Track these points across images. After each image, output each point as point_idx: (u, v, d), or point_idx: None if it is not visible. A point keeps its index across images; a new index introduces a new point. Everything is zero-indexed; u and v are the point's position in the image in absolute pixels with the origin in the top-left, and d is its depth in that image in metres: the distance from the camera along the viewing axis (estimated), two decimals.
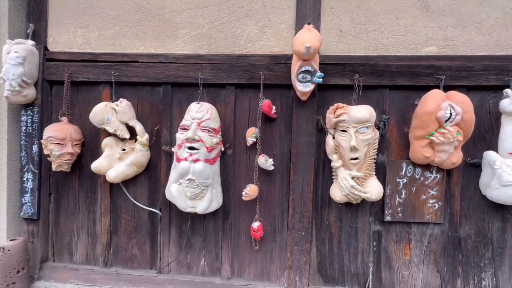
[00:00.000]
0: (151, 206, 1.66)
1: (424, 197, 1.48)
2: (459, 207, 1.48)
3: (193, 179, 1.41)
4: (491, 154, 1.36)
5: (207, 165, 1.43)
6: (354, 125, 1.35)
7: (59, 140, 1.51)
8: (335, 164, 1.42)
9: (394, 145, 1.51)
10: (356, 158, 1.38)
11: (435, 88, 1.40)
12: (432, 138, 1.33)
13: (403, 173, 1.48)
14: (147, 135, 1.57)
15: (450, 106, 1.30)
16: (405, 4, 1.47)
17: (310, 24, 1.39)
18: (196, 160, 1.41)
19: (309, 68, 1.34)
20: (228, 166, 1.59)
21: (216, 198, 1.50)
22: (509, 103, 1.32)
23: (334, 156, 1.43)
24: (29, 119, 1.66)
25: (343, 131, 1.39)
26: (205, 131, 1.44)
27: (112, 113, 1.53)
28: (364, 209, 1.55)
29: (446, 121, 1.31)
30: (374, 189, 1.39)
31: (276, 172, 1.57)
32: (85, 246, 1.73)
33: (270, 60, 1.53)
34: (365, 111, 1.36)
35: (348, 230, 1.56)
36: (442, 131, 1.31)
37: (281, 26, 1.53)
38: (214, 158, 1.47)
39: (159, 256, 1.66)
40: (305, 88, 1.37)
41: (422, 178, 1.47)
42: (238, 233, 1.62)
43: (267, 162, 1.48)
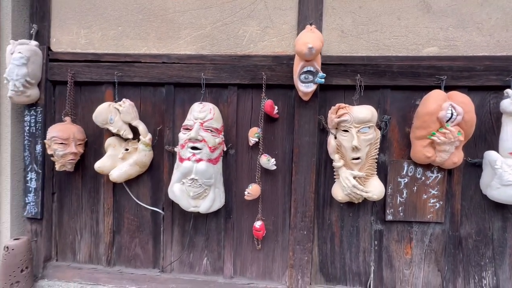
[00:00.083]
0: (153, 206, 1.67)
1: (425, 196, 1.49)
2: (460, 206, 1.49)
3: (196, 179, 1.42)
4: (492, 154, 1.37)
5: (209, 165, 1.44)
6: (356, 125, 1.36)
7: (63, 140, 1.52)
8: (337, 164, 1.43)
9: (396, 145, 1.52)
10: (358, 158, 1.39)
11: (436, 88, 1.41)
12: (434, 138, 1.34)
13: (404, 173, 1.49)
14: (150, 135, 1.58)
15: (451, 106, 1.31)
16: (407, 5, 1.47)
17: (312, 24, 1.40)
18: (199, 160, 1.42)
19: (311, 69, 1.35)
20: (231, 166, 1.60)
21: (219, 197, 1.51)
22: (510, 103, 1.32)
23: (336, 156, 1.43)
24: (32, 119, 1.66)
25: (345, 131, 1.40)
26: (208, 131, 1.45)
27: (115, 113, 1.54)
28: (365, 208, 1.56)
29: (447, 121, 1.32)
30: (376, 188, 1.40)
31: (278, 172, 1.58)
32: (88, 246, 1.74)
33: (272, 60, 1.54)
34: (367, 111, 1.36)
35: (350, 229, 1.57)
36: (443, 131, 1.32)
37: (283, 27, 1.54)
38: (216, 158, 1.48)
39: (162, 255, 1.67)
40: (307, 89, 1.38)
41: (423, 178, 1.48)
42: (240, 232, 1.63)
43: (269, 162, 1.49)
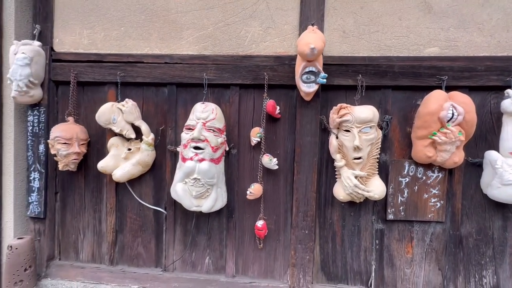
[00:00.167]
0: (156, 205, 1.68)
1: (426, 196, 1.50)
2: (461, 205, 1.50)
3: (198, 178, 1.43)
4: (493, 154, 1.37)
5: (212, 165, 1.44)
6: (357, 125, 1.37)
7: (66, 140, 1.53)
8: (338, 164, 1.44)
9: (397, 145, 1.53)
10: (359, 158, 1.40)
11: (437, 88, 1.42)
12: (435, 138, 1.34)
13: (405, 172, 1.50)
14: (153, 135, 1.59)
15: (452, 106, 1.32)
16: (408, 6, 1.48)
17: (314, 25, 1.41)
18: (202, 160, 1.43)
19: (313, 69, 1.36)
20: (233, 166, 1.61)
21: (221, 197, 1.52)
22: (510, 103, 1.33)
23: (337, 156, 1.44)
24: (35, 119, 1.67)
25: (346, 131, 1.40)
26: (210, 131, 1.45)
27: (118, 113, 1.55)
28: (366, 208, 1.57)
29: (448, 121, 1.33)
30: (377, 188, 1.41)
31: (280, 172, 1.59)
32: (91, 245, 1.75)
33: (274, 60, 1.54)
34: (369, 111, 1.37)
35: (351, 228, 1.58)
36: (444, 131, 1.33)
37: (285, 27, 1.55)
38: (219, 158, 1.49)
39: (164, 255, 1.68)
40: (309, 89, 1.39)
41: (424, 177, 1.49)
42: (242, 231, 1.64)
43: (271, 161, 1.50)
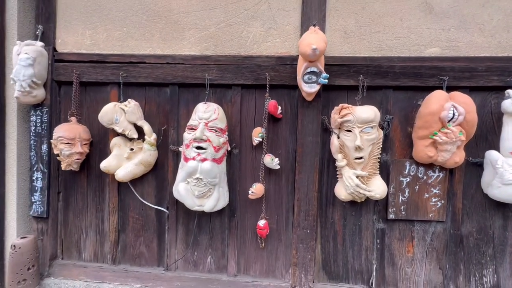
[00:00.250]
0: (158, 205, 1.69)
1: (427, 195, 1.51)
2: (461, 205, 1.51)
3: (201, 178, 1.44)
4: (493, 154, 1.38)
5: (214, 164, 1.45)
6: (359, 125, 1.38)
7: (69, 140, 1.54)
8: (340, 163, 1.45)
9: (398, 145, 1.54)
10: (360, 158, 1.40)
11: (438, 88, 1.43)
12: (436, 138, 1.35)
13: (406, 172, 1.51)
14: (155, 135, 1.60)
15: (453, 106, 1.33)
16: (409, 6, 1.49)
17: (316, 25, 1.42)
18: (204, 160, 1.44)
19: (314, 69, 1.37)
20: (234, 165, 1.62)
21: (223, 196, 1.53)
22: (511, 103, 1.34)
23: (339, 156, 1.45)
24: (38, 119, 1.68)
25: (348, 131, 1.41)
26: (212, 131, 1.46)
27: (121, 113, 1.56)
28: (368, 207, 1.58)
29: (449, 121, 1.33)
30: (379, 187, 1.42)
31: (282, 171, 1.60)
32: (93, 244, 1.76)
33: (276, 61, 1.55)
34: (370, 111, 1.38)
35: (352, 228, 1.59)
36: (445, 131, 1.33)
37: (287, 28, 1.56)
38: (221, 158, 1.50)
39: (167, 254, 1.69)
40: (310, 89, 1.40)
41: (425, 177, 1.50)
42: (244, 231, 1.65)
43: (273, 161, 1.51)
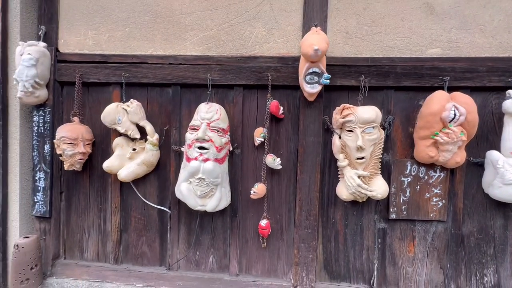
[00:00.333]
0: (160, 205, 1.70)
1: (428, 195, 1.51)
2: (462, 205, 1.52)
3: (203, 178, 1.45)
4: (494, 154, 1.39)
5: (216, 165, 1.46)
6: (360, 125, 1.38)
7: (72, 140, 1.55)
8: (341, 164, 1.45)
9: (399, 145, 1.55)
10: (362, 158, 1.41)
11: (440, 89, 1.43)
12: (437, 138, 1.36)
13: (407, 172, 1.52)
14: (157, 135, 1.60)
15: (454, 106, 1.33)
16: (410, 7, 1.50)
17: (318, 26, 1.42)
18: (206, 160, 1.44)
19: (316, 70, 1.37)
20: (236, 165, 1.63)
21: (225, 196, 1.54)
22: None
23: (340, 156, 1.46)
24: (41, 119, 1.69)
25: (349, 131, 1.42)
26: (215, 131, 1.47)
27: (123, 113, 1.56)
28: (369, 207, 1.59)
29: (450, 122, 1.34)
30: (380, 187, 1.42)
31: (284, 171, 1.61)
32: (95, 244, 1.77)
33: (278, 61, 1.56)
34: (372, 112, 1.39)
35: (354, 227, 1.60)
36: (446, 131, 1.34)
37: (289, 28, 1.56)
38: (223, 158, 1.51)
39: (169, 253, 1.70)
40: (312, 89, 1.41)
41: (426, 177, 1.51)
42: (246, 230, 1.66)
43: (275, 161, 1.52)
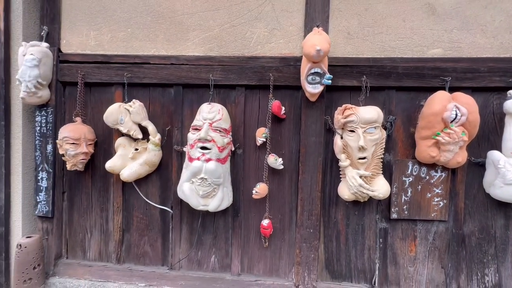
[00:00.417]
0: (162, 204, 1.70)
1: (429, 195, 1.52)
2: (464, 205, 1.52)
3: (205, 178, 1.45)
4: (495, 154, 1.39)
5: (219, 164, 1.46)
6: (362, 126, 1.39)
7: (74, 140, 1.55)
8: (343, 164, 1.46)
9: (400, 145, 1.55)
10: (364, 158, 1.42)
11: (441, 89, 1.44)
12: (438, 138, 1.36)
13: (409, 172, 1.52)
14: (159, 135, 1.61)
15: (456, 107, 1.34)
16: (412, 7, 1.50)
17: (319, 27, 1.42)
18: (208, 160, 1.45)
19: (318, 70, 1.38)
20: (238, 165, 1.63)
21: (227, 196, 1.54)
22: None
23: (342, 156, 1.46)
24: (43, 120, 1.69)
25: (351, 131, 1.42)
26: (217, 131, 1.47)
27: (126, 113, 1.57)
28: (370, 207, 1.59)
29: (451, 122, 1.34)
30: (382, 187, 1.43)
31: (285, 171, 1.61)
32: (98, 243, 1.77)
33: (280, 62, 1.56)
34: (373, 112, 1.39)
35: (355, 227, 1.61)
36: (448, 131, 1.34)
37: (290, 29, 1.57)
38: (225, 158, 1.51)
39: (171, 253, 1.71)
40: (314, 90, 1.41)
41: (427, 177, 1.51)
42: (247, 230, 1.67)
43: (277, 161, 1.52)
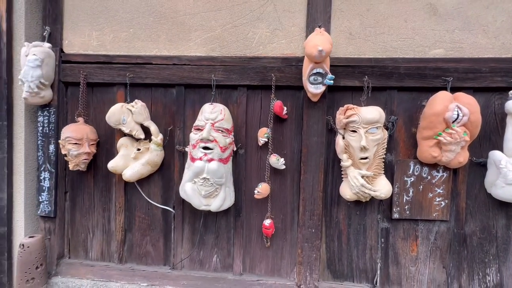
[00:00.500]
0: (164, 204, 1.71)
1: (431, 195, 1.52)
2: (465, 205, 1.52)
3: (207, 178, 1.45)
4: (497, 154, 1.40)
5: (221, 165, 1.47)
6: (364, 126, 1.39)
7: (77, 140, 1.56)
8: (345, 164, 1.46)
9: (402, 145, 1.55)
10: (365, 158, 1.42)
11: (443, 89, 1.44)
12: (440, 138, 1.37)
13: (410, 172, 1.53)
14: (161, 135, 1.61)
15: (457, 107, 1.34)
16: (414, 8, 1.50)
17: (321, 27, 1.43)
18: (211, 160, 1.45)
19: (320, 71, 1.38)
20: (240, 165, 1.64)
21: (229, 196, 1.55)
22: None
23: (344, 156, 1.47)
24: (45, 120, 1.70)
25: (353, 131, 1.43)
26: (219, 131, 1.48)
27: (128, 114, 1.57)
28: (372, 207, 1.59)
29: (453, 122, 1.35)
30: (384, 187, 1.43)
31: (287, 171, 1.62)
32: (100, 243, 1.78)
33: (282, 62, 1.57)
34: (375, 112, 1.39)
35: (357, 227, 1.61)
36: (450, 131, 1.35)
37: (292, 29, 1.57)
38: (227, 158, 1.51)
39: (173, 253, 1.71)
40: (316, 90, 1.42)
41: (429, 177, 1.52)
42: (249, 230, 1.67)
43: (279, 161, 1.53)
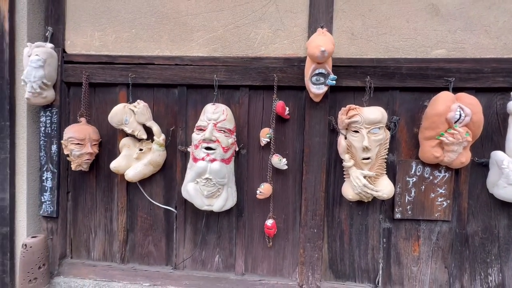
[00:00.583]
0: (166, 205, 1.71)
1: (433, 195, 1.53)
2: (467, 205, 1.53)
3: (210, 178, 1.46)
4: (499, 154, 1.40)
5: (223, 165, 1.47)
6: (366, 126, 1.39)
7: (79, 140, 1.56)
8: (347, 164, 1.47)
9: (404, 145, 1.56)
10: (368, 158, 1.42)
11: (445, 90, 1.44)
12: (442, 138, 1.37)
13: (412, 172, 1.53)
14: (164, 136, 1.62)
15: (460, 107, 1.34)
16: (416, 8, 1.50)
17: (324, 27, 1.43)
18: (213, 160, 1.46)
19: (322, 71, 1.38)
20: (242, 166, 1.64)
21: (231, 196, 1.55)
22: None
23: (346, 156, 1.47)
24: (48, 120, 1.70)
25: (355, 131, 1.43)
26: (221, 131, 1.48)
27: (130, 114, 1.57)
28: (374, 207, 1.60)
29: (455, 122, 1.35)
30: (386, 187, 1.44)
31: (289, 172, 1.62)
32: (102, 243, 1.78)
33: (284, 62, 1.57)
34: (378, 112, 1.40)
35: (359, 227, 1.61)
36: (452, 132, 1.35)
37: (294, 29, 1.57)
38: (229, 158, 1.52)
39: (175, 253, 1.71)
40: (318, 90, 1.42)
41: (431, 177, 1.52)
42: (251, 230, 1.67)
43: (281, 161, 1.53)
